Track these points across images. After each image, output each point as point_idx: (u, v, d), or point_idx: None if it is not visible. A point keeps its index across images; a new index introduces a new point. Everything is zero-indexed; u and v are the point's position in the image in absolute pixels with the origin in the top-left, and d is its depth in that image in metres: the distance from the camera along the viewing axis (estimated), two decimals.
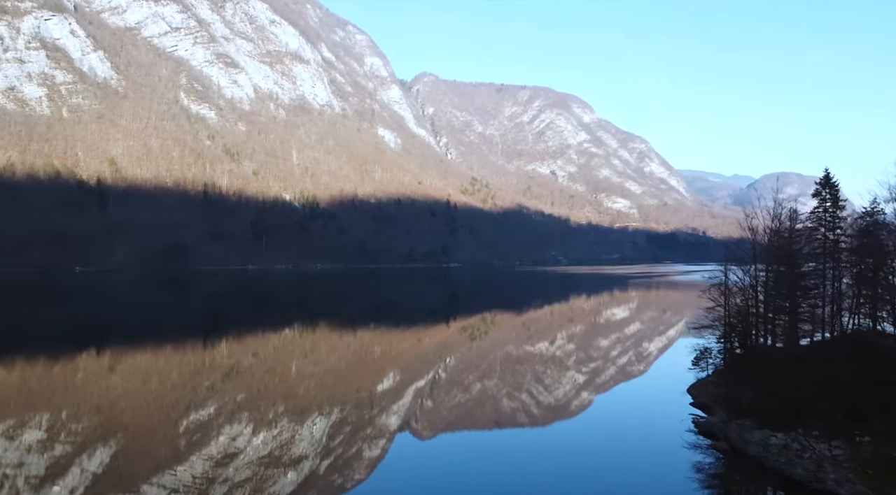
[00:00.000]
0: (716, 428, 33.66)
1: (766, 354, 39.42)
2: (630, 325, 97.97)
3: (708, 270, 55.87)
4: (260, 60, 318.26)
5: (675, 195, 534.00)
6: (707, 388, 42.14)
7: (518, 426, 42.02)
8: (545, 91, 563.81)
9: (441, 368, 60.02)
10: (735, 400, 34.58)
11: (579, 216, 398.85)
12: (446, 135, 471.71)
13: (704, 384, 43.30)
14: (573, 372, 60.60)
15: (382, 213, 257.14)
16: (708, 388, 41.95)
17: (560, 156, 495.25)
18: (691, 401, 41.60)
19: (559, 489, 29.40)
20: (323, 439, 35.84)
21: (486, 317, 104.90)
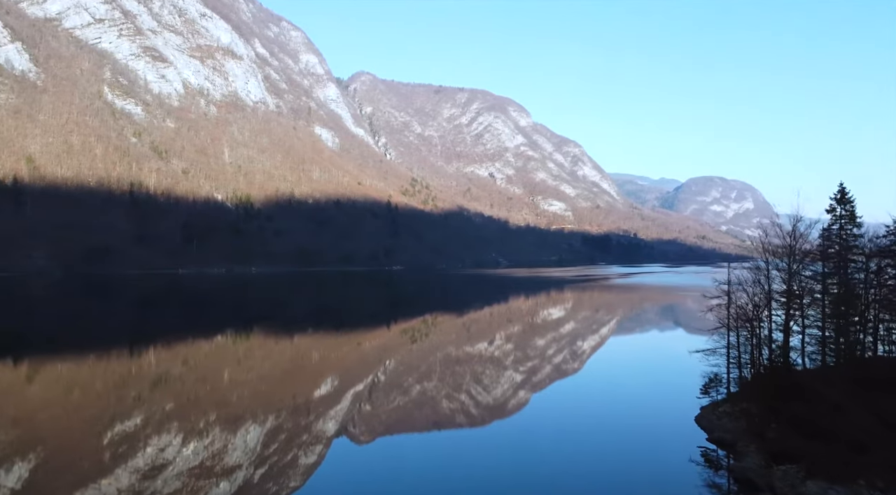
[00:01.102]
0: (754, 474, 28.01)
1: (793, 378, 33.93)
2: (566, 324, 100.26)
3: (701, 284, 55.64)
4: (190, 55, 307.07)
5: (607, 198, 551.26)
6: (722, 421, 36.05)
7: (457, 427, 42.19)
8: (483, 94, 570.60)
9: (380, 372, 59.55)
10: (770, 439, 29.56)
11: (517, 218, 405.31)
12: (385, 136, 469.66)
13: (716, 413, 37.35)
14: (511, 371, 61.41)
15: (321, 215, 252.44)
16: (723, 421, 35.96)
17: (498, 159, 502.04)
18: (707, 437, 35.11)
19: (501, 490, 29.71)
20: (257, 447, 34.84)
21: (427, 319, 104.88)
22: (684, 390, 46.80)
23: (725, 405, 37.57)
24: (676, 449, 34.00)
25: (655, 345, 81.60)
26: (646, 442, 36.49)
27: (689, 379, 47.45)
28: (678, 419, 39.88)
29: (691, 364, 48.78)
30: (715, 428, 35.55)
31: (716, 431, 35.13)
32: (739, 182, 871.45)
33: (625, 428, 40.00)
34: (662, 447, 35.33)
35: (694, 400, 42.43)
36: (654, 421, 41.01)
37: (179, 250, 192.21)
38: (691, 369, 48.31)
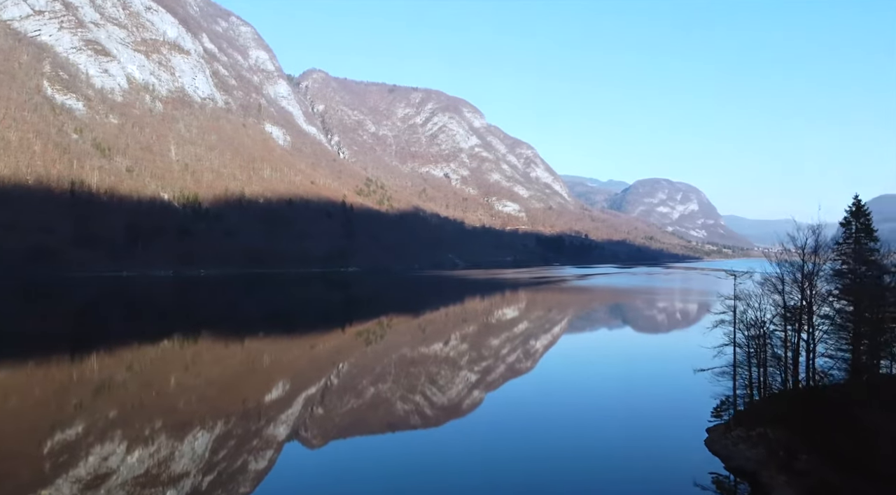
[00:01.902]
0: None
1: (821, 400, 30.73)
2: (520, 324, 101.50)
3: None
4: (134, 49, 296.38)
5: (559, 199, 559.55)
6: (738, 447, 32.12)
7: (412, 428, 42.21)
8: (437, 94, 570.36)
9: (334, 374, 59.01)
10: (803, 472, 26.37)
11: (473, 219, 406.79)
12: (338, 134, 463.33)
13: (730, 438, 33.55)
14: (466, 371, 61.80)
15: (273, 215, 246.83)
16: (739, 447, 32.02)
17: (453, 160, 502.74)
18: (725, 465, 31.35)
19: (454, 491, 29.90)
20: (205, 454, 34.05)
21: (382, 321, 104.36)
22: (684, 404, 44.69)
23: (739, 428, 33.64)
24: (684, 476, 30.62)
25: (640, 351, 77.10)
26: (647, 464, 33.13)
27: (690, 393, 45.22)
28: (684, 441, 36.25)
29: (687, 374, 45.47)
30: (732, 455, 31.42)
31: (734, 459, 30.97)
32: (684, 184, 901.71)
33: (618, 443, 36.95)
34: (668, 473, 32.06)
35: (695, 416, 40.02)
36: (655, 442, 36.76)
37: (124, 252, 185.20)
38: (689, 381, 45.02)
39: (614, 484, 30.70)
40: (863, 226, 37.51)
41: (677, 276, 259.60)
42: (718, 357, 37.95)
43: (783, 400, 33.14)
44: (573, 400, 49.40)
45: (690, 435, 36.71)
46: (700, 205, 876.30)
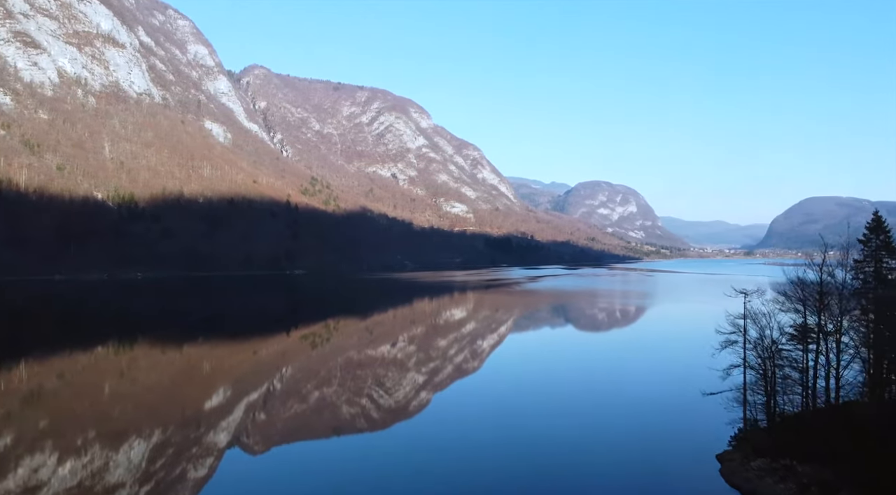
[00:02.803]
0: None
1: (842, 422, 29.13)
2: (467, 324, 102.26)
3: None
4: (66, 41, 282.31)
5: (505, 201, 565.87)
6: (764, 481, 28.97)
7: (358, 432, 41.95)
8: (383, 93, 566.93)
9: (277, 379, 57.97)
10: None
11: (421, 220, 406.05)
12: (281, 132, 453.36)
13: (752, 471, 30.20)
14: (413, 373, 61.88)
15: (214, 215, 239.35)
16: (765, 481, 28.89)
17: (400, 160, 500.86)
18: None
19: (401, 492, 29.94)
20: (142, 463, 32.92)
21: (329, 323, 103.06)
22: (685, 429, 40.03)
23: (760, 459, 30.56)
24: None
25: (622, 366, 66.77)
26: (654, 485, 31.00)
27: (690, 416, 42.17)
28: (695, 471, 32.73)
29: (685, 394, 45.21)
30: (758, 489, 28.35)
31: (761, 494, 28.00)
32: (624, 186, 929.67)
33: (615, 470, 33.26)
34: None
35: (700, 441, 36.66)
36: (663, 470, 33.11)
37: (55, 254, 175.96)
38: (687, 403, 43.28)
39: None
40: (883, 242, 35.51)
41: (625, 278, 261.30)
42: (723, 378, 35.63)
43: (803, 425, 30.75)
44: (538, 400, 49.84)
45: (701, 463, 33.13)
46: (638, 207, 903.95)
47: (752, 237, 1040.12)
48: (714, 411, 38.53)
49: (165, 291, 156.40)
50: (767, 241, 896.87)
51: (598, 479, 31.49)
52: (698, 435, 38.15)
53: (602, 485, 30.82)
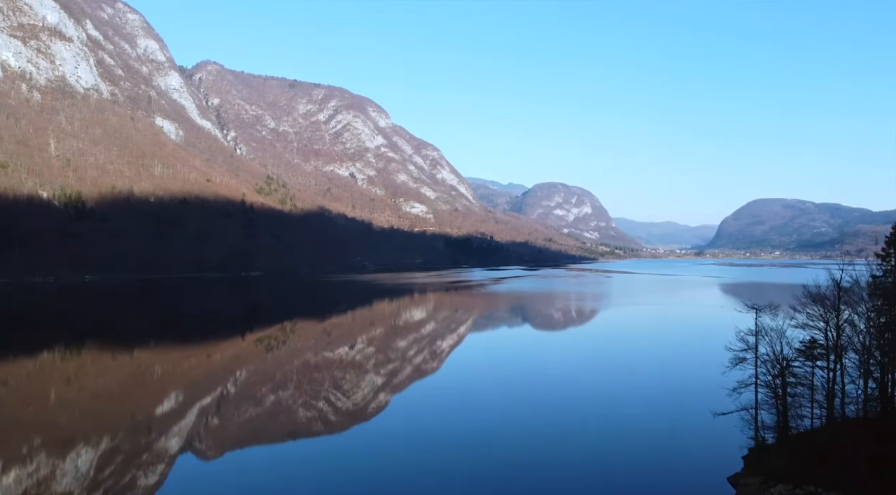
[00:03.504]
0: None
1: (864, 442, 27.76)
2: (427, 325, 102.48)
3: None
4: (10, 34, 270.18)
5: (465, 201, 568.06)
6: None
7: (314, 435, 41.68)
8: (341, 91, 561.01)
9: (231, 383, 56.98)
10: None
11: (381, 220, 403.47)
12: (234, 129, 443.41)
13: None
14: (372, 375, 61.69)
15: (166, 215, 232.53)
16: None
17: (359, 159, 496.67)
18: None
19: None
20: (90, 471, 32.02)
21: (285, 326, 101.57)
22: (689, 447, 37.41)
23: (780, 485, 28.58)
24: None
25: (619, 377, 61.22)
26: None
27: (693, 434, 39.47)
28: (704, 492, 31.04)
29: (688, 410, 43.77)
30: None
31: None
32: (579, 188, 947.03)
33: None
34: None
35: (708, 461, 34.89)
36: (668, 491, 31.22)
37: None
38: (690, 420, 41.24)
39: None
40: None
41: (585, 280, 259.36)
42: (729, 394, 34.02)
43: (822, 446, 28.82)
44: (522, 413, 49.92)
45: (712, 488, 31.06)
46: (593, 209, 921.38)
47: (701, 237, 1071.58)
48: (720, 428, 36.04)
49: (115, 294, 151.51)
50: (717, 242, 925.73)
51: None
52: (705, 454, 35.87)
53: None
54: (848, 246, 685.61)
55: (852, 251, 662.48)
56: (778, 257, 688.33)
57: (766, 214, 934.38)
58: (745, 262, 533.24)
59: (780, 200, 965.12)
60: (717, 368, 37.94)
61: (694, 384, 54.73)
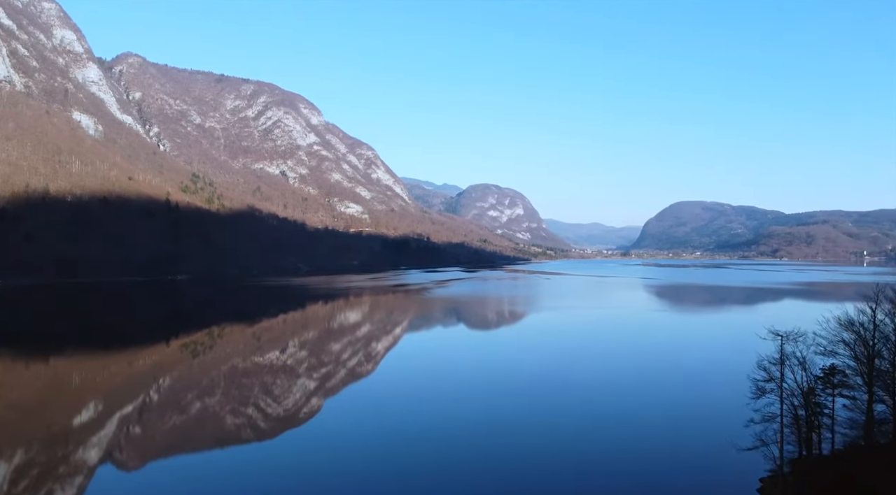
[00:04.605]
0: None
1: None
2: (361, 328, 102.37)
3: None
4: None
5: (400, 202, 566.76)
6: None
7: (243, 442, 41.28)
8: (270, 87, 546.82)
9: (154, 391, 55.43)
10: None
11: (314, 220, 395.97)
12: (157, 125, 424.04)
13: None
14: (304, 379, 61.37)
15: (85, 215, 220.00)
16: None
17: (290, 157, 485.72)
18: None
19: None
20: (2, 485, 30.76)
21: (213, 331, 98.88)
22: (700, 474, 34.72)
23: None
24: None
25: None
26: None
27: (710, 462, 36.45)
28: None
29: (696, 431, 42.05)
30: None
31: None
32: (511, 190, 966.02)
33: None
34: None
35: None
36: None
37: None
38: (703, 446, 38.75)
39: None
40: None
41: (527, 281, 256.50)
42: (747, 425, 31.99)
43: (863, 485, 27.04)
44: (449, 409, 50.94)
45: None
46: (525, 210, 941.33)
47: (626, 238, 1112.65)
48: (737, 461, 33.19)
49: (30, 299, 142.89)
50: (641, 242, 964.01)
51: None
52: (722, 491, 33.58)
53: None
54: (763, 246, 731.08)
55: (767, 251, 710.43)
56: (699, 257, 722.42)
57: (687, 216, 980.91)
58: (670, 263, 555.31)
59: (701, 203, 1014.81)
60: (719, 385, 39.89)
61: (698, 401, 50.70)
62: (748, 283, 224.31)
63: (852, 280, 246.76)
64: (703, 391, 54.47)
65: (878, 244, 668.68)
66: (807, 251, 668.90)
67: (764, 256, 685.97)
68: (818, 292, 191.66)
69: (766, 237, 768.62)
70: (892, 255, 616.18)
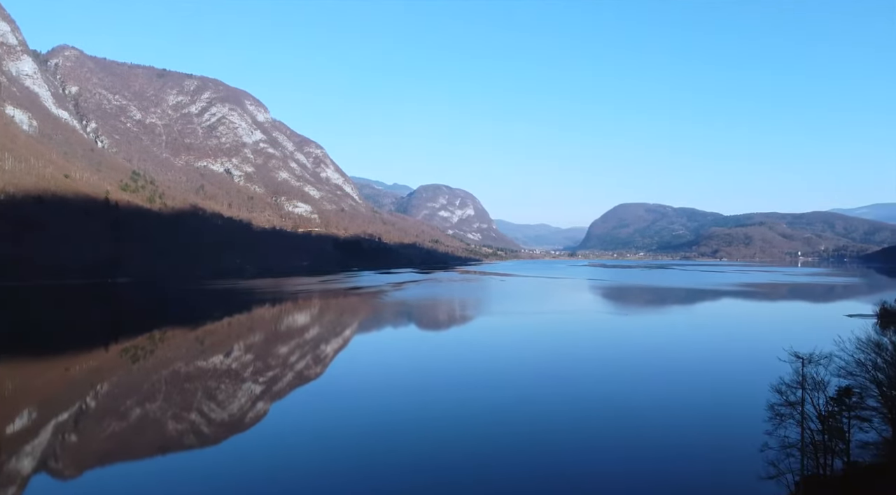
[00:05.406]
0: None
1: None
2: (308, 329, 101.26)
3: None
4: None
5: (351, 202, 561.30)
6: None
7: (186, 449, 40.47)
8: (215, 83, 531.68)
9: (92, 397, 53.57)
10: None
11: (261, 220, 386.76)
12: (95, 120, 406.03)
13: None
14: (249, 383, 60.40)
15: (19, 215, 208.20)
16: None
17: (235, 155, 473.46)
18: None
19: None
20: None
21: (154, 335, 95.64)
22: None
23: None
24: None
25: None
26: None
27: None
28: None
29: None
30: None
31: None
32: (462, 190, 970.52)
33: None
34: None
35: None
36: None
37: None
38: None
39: None
40: None
41: (485, 283, 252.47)
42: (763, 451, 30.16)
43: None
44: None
45: None
46: (476, 211, 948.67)
47: (572, 239, 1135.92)
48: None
49: None
50: (586, 243, 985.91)
51: None
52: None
53: None
54: (704, 247, 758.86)
55: (707, 252, 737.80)
56: (642, 258, 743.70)
57: (630, 218, 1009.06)
58: (615, 263, 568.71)
59: (643, 205, 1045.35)
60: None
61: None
62: (698, 285, 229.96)
63: (793, 281, 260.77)
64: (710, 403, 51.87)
65: (811, 245, 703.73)
66: (745, 251, 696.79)
67: (704, 257, 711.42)
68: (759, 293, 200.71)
69: (706, 238, 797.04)
70: (824, 256, 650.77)
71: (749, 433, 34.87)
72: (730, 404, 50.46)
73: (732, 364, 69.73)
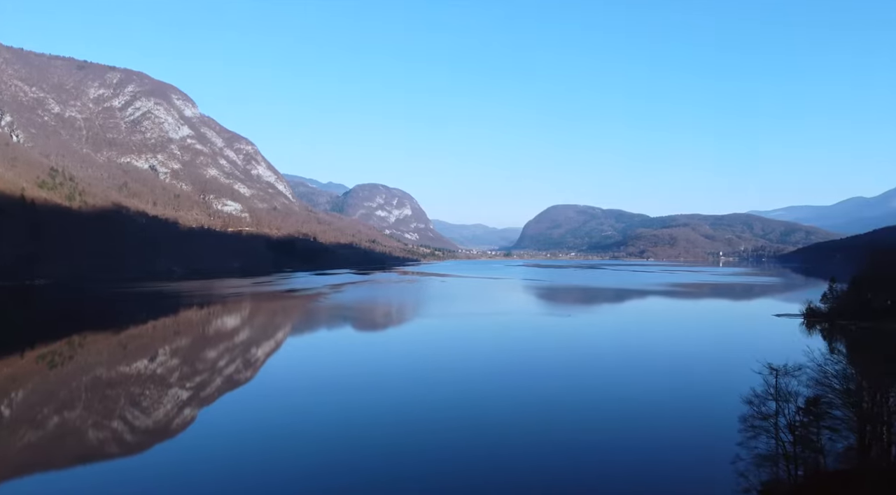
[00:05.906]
0: None
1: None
2: (240, 333, 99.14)
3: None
4: None
5: (284, 200, 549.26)
6: None
7: (109, 458, 39.34)
8: (140, 76, 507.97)
9: (6, 406, 50.92)
10: None
11: (188, 219, 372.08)
12: (10, 114, 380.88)
13: None
14: (176, 388, 58.83)
15: None
16: None
17: (161, 151, 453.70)
18: None
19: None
20: None
21: (74, 340, 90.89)
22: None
23: None
24: None
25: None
26: None
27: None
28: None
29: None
30: None
31: None
32: (399, 190, 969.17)
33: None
34: None
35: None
36: None
37: None
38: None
39: None
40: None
41: (424, 284, 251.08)
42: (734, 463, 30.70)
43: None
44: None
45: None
46: (413, 211, 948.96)
47: (507, 239, 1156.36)
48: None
49: None
50: (521, 243, 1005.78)
51: None
52: None
53: None
54: (631, 247, 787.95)
55: (635, 252, 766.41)
56: (574, 258, 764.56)
57: (562, 219, 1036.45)
58: (549, 263, 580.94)
59: (574, 206, 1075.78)
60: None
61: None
62: (630, 285, 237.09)
63: (718, 281, 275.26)
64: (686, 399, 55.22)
65: (732, 245, 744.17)
66: (670, 252, 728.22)
67: (632, 257, 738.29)
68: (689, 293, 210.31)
69: (633, 239, 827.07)
70: (744, 256, 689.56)
71: (707, 440, 37.18)
72: (691, 407, 51.99)
73: (678, 363, 72.78)
